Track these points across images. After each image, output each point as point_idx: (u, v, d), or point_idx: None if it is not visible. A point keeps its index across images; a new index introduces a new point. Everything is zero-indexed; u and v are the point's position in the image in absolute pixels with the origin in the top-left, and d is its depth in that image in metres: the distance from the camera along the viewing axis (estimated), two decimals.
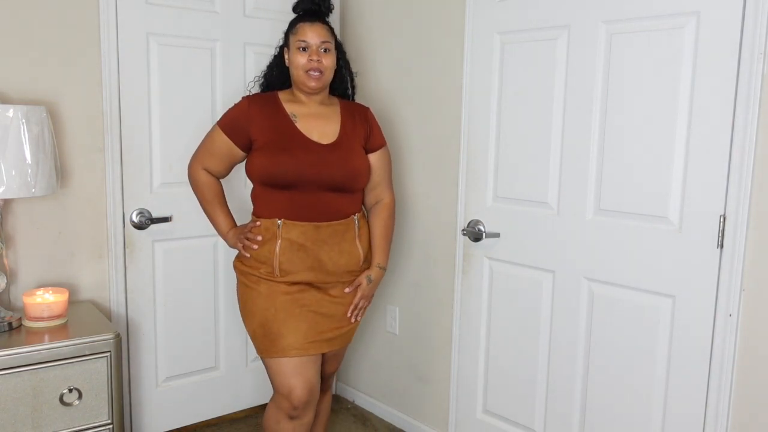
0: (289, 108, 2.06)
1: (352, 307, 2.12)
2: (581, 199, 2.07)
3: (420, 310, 2.70)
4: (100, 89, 2.37)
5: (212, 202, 2.17)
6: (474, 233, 2.35)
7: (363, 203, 2.21)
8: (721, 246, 1.77)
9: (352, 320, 2.13)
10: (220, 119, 2.11)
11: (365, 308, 2.18)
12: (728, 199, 1.74)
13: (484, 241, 2.33)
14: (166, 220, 2.55)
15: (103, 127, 2.39)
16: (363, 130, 2.13)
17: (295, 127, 2.02)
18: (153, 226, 2.53)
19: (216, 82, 2.63)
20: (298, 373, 1.98)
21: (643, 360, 1.96)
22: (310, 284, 2.04)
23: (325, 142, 2.04)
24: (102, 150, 2.40)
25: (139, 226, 2.49)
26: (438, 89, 2.51)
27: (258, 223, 2.04)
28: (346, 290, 2.11)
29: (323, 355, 2.12)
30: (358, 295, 2.12)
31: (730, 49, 1.71)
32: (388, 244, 2.20)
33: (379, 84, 2.77)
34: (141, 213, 2.49)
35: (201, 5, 2.56)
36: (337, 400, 3.12)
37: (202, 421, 2.79)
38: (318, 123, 2.06)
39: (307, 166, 1.97)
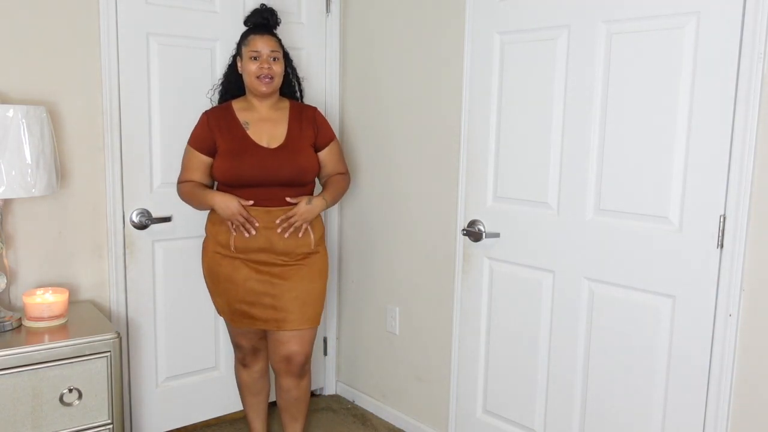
0: (242, 116, 2.30)
1: (283, 216, 2.24)
2: (581, 199, 2.07)
3: (420, 310, 2.70)
4: (100, 89, 2.37)
5: (199, 186, 2.31)
6: (474, 233, 2.34)
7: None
8: (721, 246, 1.77)
9: (278, 230, 2.24)
10: (189, 139, 2.33)
11: (296, 229, 2.26)
12: (728, 199, 1.74)
13: (484, 241, 2.33)
14: (166, 220, 2.55)
15: (103, 127, 2.39)
16: (311, 131, 2.36)
17: (247, 134, 2.27)
18: (153, 226, 2.53)
19: (216, 82, 2.63)
20: (241, 334, 2.40)
21: (643, 360, 1.96)
22: (257, 264, 2.26)
23: (273, 146, 2.27)
24: (102, 150, 2.40)
25: (140, 226, 2.50)
26: (438, 89, 2.51)
27: (256, 224, 2.23)
28: (288, 198, 2.25)
29: (278, 333, 2.29)
30: (294, 210, 2.24)
31: (730, 49, 1.71)
32: (337, 191, 2.42)
33: (380, 83, 2.77)
34: (141, 213, 2.49)
35: (201, 5, 2.56)
36: (337, 400, 3.12)
37: (202, 421, 2.80)
38: (267, 127, 2.30)
39: (257, 168, 2.23)
